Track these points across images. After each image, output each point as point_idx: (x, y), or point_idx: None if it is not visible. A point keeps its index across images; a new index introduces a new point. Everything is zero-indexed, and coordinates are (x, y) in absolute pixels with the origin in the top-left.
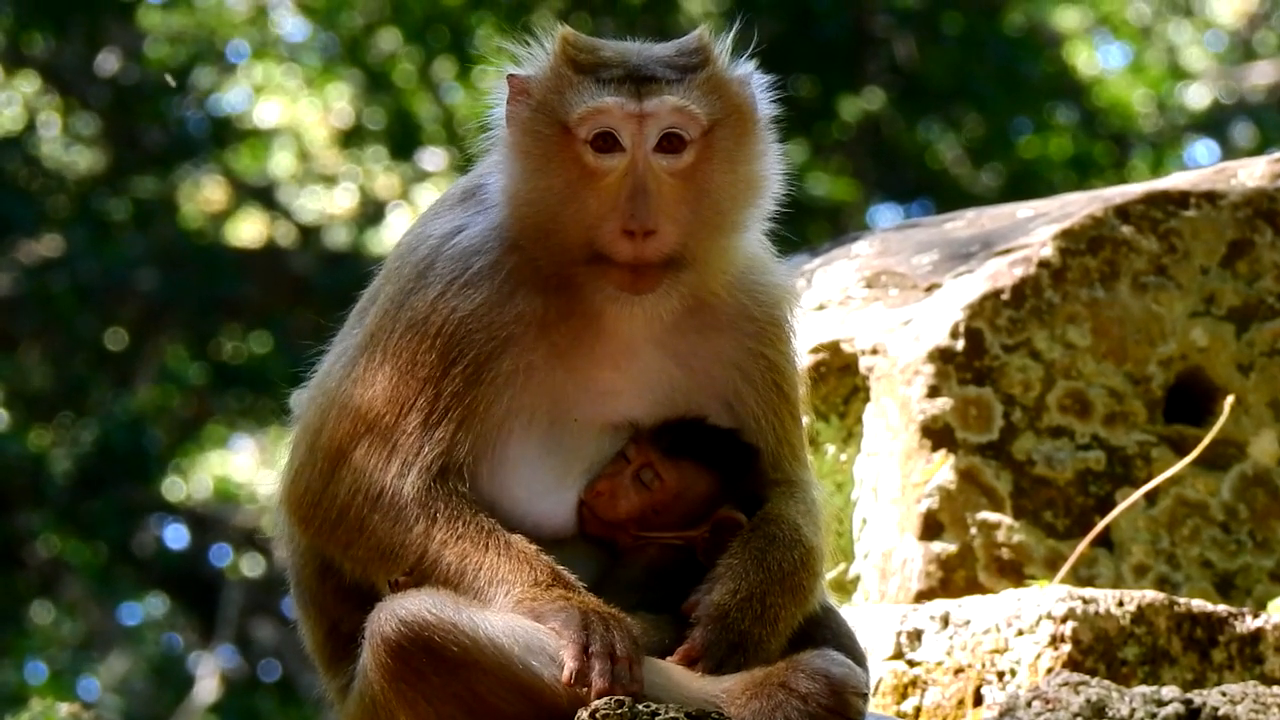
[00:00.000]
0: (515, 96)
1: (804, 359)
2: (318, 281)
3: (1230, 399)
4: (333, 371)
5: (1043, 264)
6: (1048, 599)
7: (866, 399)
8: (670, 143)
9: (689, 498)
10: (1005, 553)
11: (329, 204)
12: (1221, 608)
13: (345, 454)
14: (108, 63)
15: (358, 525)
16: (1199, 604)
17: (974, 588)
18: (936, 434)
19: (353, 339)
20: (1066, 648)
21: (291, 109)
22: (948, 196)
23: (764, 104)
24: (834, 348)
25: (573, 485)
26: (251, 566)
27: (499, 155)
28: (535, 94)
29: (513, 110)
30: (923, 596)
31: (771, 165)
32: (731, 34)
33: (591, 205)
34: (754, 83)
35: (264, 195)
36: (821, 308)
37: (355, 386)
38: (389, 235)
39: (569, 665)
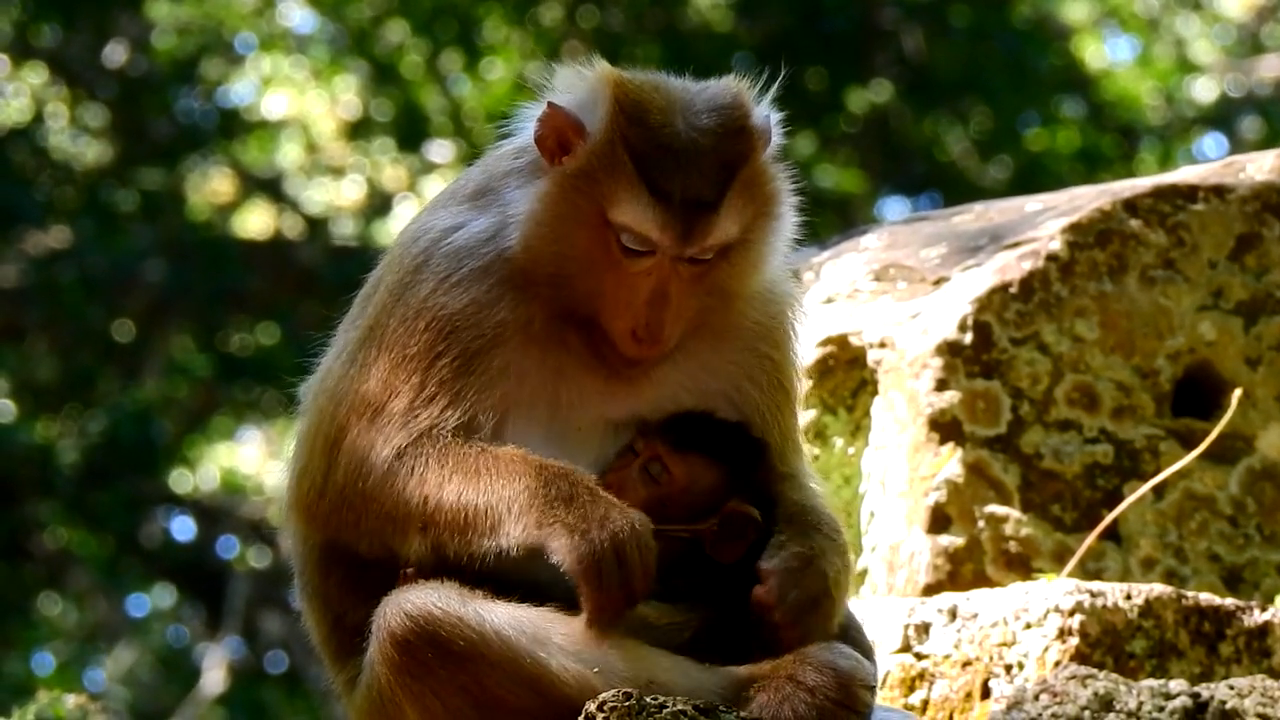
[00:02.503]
0: (557, 132)
1: (808, 354)
2: (325, 273)
3: (1238, 392)
4: (333, 370)
5: (1051, 257)
6: (1055, 592)
7: (874, 392)
8: (701, 254)
9: (697, 491)
10: (1013, 546)
11: (336, 196)
12: (1229, 601)
13: (340, 443)
14: (115, 54)
15: (360, 501)
16: (1207, 597)
17: (981, 581)
18: (944, 427)
19: (354, 332)
20: (1074, 641)
21: (299, 101)
22: (956, 189)
23: (789, 185)
24: (842, 341)
25: None
26: (258, 558)
27: (526, 180)
28: (579, 156)
29: (556, 154)
30: (930, 589)
31: (787, 229)
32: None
33: (608, 289)
34: (782, 172)
35: (271, 187)
36: (829, 301)
37: (352, 383)
38: (396, 227)
39: (587, 607)
